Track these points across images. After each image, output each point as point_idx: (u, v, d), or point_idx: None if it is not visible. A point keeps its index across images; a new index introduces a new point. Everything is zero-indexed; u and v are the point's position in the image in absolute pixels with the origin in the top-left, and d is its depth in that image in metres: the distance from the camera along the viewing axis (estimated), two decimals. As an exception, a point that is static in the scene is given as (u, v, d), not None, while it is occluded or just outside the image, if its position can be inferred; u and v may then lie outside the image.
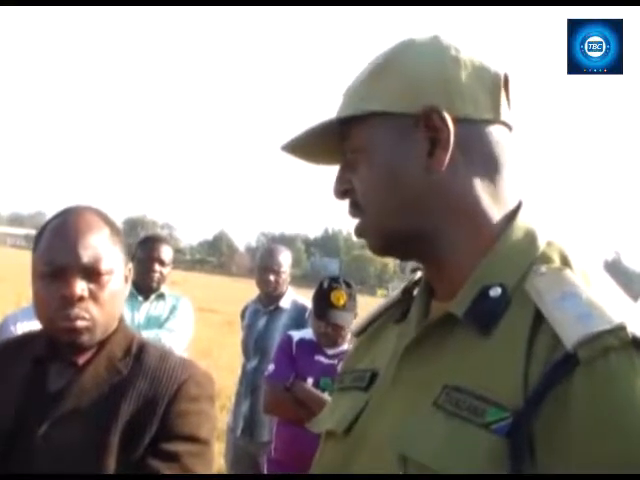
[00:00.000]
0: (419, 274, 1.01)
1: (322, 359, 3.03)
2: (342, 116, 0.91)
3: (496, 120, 0.88)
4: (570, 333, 0.74)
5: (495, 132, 0.88)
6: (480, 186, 0.88)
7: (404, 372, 0.89)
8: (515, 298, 0.82)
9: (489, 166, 0.88)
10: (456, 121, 0.86)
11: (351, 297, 3.04)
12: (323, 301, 3.03)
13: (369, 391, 0.94)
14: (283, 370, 3.05)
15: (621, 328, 0.73)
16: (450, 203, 0.88)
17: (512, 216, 0.89)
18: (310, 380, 2.98)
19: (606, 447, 0.70)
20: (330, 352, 3.02)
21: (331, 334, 2.98)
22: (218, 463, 5.52)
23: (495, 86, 0.89)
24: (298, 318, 3.63)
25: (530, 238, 0.87)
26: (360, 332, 1.10)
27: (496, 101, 0.88)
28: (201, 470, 1.31)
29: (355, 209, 0.93)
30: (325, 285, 3.06)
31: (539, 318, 0.78)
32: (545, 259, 0.84)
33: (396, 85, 0.88)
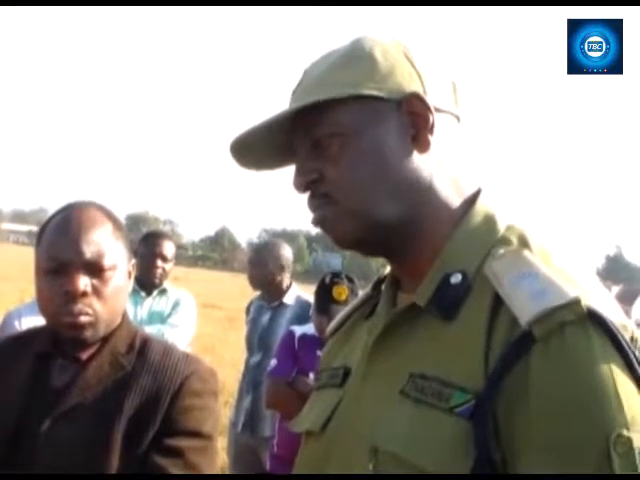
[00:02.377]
0: (387, 270, 1.01)
1: (324, 354, 3.03)
2: (319, 99, 0.86)
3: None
4: (525, 311, 0.75)
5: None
6: (444, 173, 0.90)
7: (374, 365, 0.89)
8: (475, 283, 0.83)
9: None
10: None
11: (353, 292, 3.04)
12: (325, 296, 3.03)
13: (343, 388, 0.95)
14: (285, 365, 3.05)
15: (576, 302, 0.74)
16: (422, 191, 0.88)
17: (471, 202, 0.91)
18: (312, 375, 2.99)
19: (565, 425, 0.71)
20: (332, 347, 3.02)
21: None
22: (222, 458, 5.54)
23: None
24: (302, 314, 3.63)
25: (489, 223, 0.88)
26: (334, 331, 1.11)
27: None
28: (205, 465, 1.31)
29: (325, 199, 0.89)
30: (327, 280, 3.07)
31: (498, 301, 0.79)
32: (504, 242, 0.85)
33: (374, 72, 0.88)
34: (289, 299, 3.78)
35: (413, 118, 0.87)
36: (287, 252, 3.90)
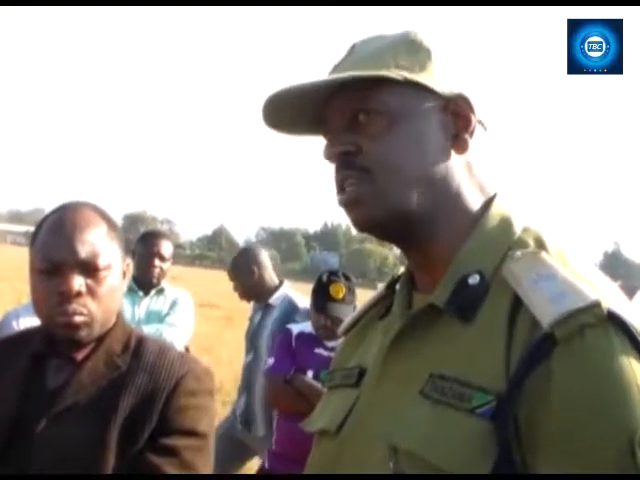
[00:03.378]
0: (402, 269, 1.01)
1: (322, 352, 3.04)
2: (380, 75, 0.86)
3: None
4: (546, 313, 0.75)
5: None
6: (472, 177, 0.91)
7: (391, 367, 0.89)
8: (494, 284, 0.84)
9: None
10: None
11: (350, 290, 3.05)
12: (322, 294, 3.03)
13: (358, 388, 0.94)
14: (283, 363, 3.05)
15: (596, 305, 0.74)
16: (450, 191, 0.89)
17: (488, 204, 0.91)
18: (310, 373, 2.99)
19: (587, 425, 0.70)
20: (330, 345, 3.02)
21: (330, 327, 2.99)
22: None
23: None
24: (284, 315, 3.59)
25: (506, 225, 0.89)
26: (347, 330, 1.10)
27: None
28: (201, 464, 1.31)
29: (362, 174, 0.88)
30: (324, 279, 3.07)
31: (518, 302, 0.79)
32: (521, 244, 0.86)
33: (430, 64, 0.89)
34: (275, 300, 3.75)
35: (456, 118, 0.89)
36: (258, 255, 3.85)
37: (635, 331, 0.74)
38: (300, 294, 3.88)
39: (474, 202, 0.91)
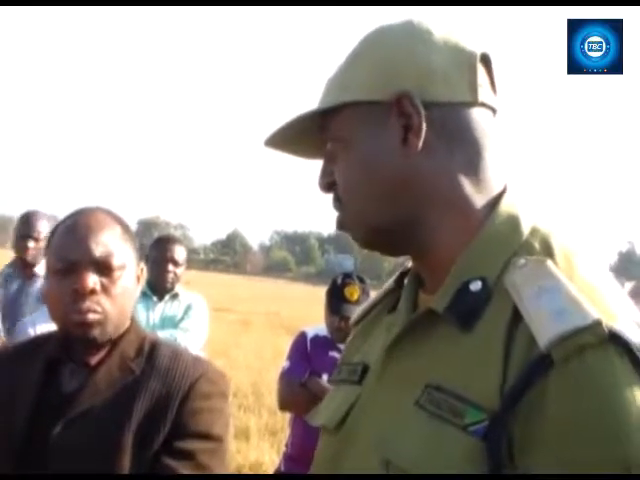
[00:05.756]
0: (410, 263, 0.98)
1: (336, 355, 3.03)
2: (320, 108, 0.88)
3: (475, 102, 0.84)
4: (544, 332, 0.71)
5: (475, 114, 0.85)
6: (461, 171, 0.84)
7: (389, 368, 0.88)
8: (496, 292, 0.79)
9: (470, 150, 0.85)
10: (430, 105, 0.82)
11: (365, 292, 3.06)
12: (337, 296, 3.04)
13: (361, 385, 0.93)
14: (298, 366, 3.06)
15: (597, 324, 0.69)
16: (428, 190, 0.84)
17: (496, 202, 0.85)
18: (325, 376, 2.98)
19: (581, 445, 0.67)
20: (344, 347, 3.02)
21: (345, 328, 2.99)
22: (236, 461, 5.55)
23: (471, 67, 0.84)
24: None
25: (513, 226, 0.83)
26: (357, 322, 1.09)
27: (473, 82, 0.84)
28: (216, 467, 1.31)
29: (337, 202, 0.90)
30: (339, 281, 3.09)
31: (517, 315, 0.75)
32: (526, 249, 0.81)
33: (368, 73, 0.85)
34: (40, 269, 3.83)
35: (403, 120, 0.83)
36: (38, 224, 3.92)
37: (638, 351, 0.69)
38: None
39: (475, 201, 0.85)
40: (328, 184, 0.91)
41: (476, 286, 0.80)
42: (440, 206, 0.85)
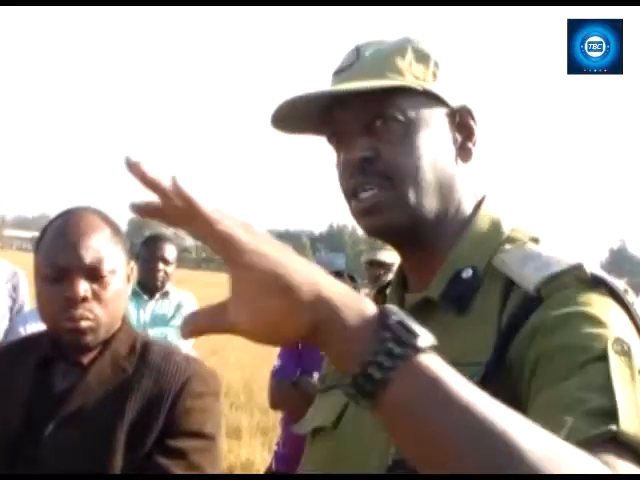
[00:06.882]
0: (390, 277, 1.04)
1: (327, 354, 3.03)
2: (389, 84, 0.89)
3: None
4: (532, 279, 0.79)
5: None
6: (470, 184, 0.96)
7: None
8: (486, 277, 0.87)
9: (474, 166, 0.97)
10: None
11: (355, 290, 3.05)
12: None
13: None
14: (289, 366, 3.05)
15: (579, 267, 0.78)
16: (454, 195, 0.93)
17: (477, 207, 0.96)
18: (316, 375, 2.99)
19: (568, 331, 0.73)
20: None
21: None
22: (227, 460, 5.54)
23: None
24: None
25: (495, 225, 0.93)
26: None
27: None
28: (208, 466, 1.31)
29: (382, 180, 0.89)
30: (329, 280, 3.07)
31: (509, 284, 0.83)
32: (511, 240, 0.90)
33: (439, 75, 0.93)
34: None
35: (461, 129, 0.94)
36: None
37: (620, 292, 0.77)
38: None
39: (468, 206, 0.95)
40: (366, 158, 0.90)
41: (467, 273, 0.89)
42: (454, 208, 0.94)
